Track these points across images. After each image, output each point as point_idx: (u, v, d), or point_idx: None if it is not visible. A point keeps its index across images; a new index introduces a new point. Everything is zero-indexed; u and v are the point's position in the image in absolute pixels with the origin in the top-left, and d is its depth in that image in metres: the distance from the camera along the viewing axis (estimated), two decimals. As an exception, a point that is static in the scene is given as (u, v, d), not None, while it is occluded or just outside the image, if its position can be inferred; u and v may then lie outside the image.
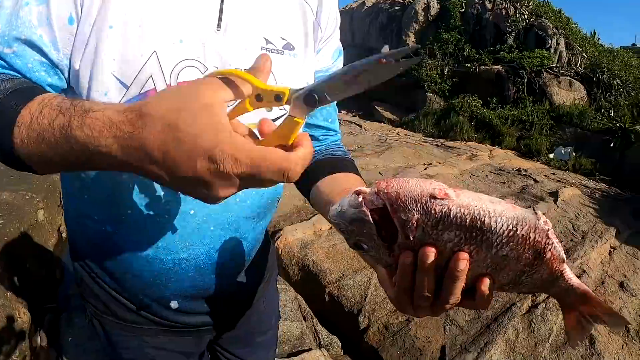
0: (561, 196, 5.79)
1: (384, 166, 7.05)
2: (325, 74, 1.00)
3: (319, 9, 1.10)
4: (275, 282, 1.58)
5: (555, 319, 3.35)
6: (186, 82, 0.68)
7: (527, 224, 0.63)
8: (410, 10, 17.68)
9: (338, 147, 1.28)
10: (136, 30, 0.84)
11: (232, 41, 0.93)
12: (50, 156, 0.66)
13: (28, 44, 0.81)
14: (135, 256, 1.02)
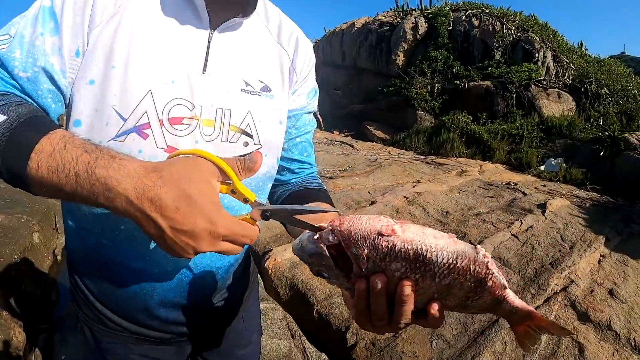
0: (549, 207, 5.82)
1: (373, 185, 7.08)
2: (300, 113, 1.31)
3: (294, 54, 1.26)
4: (257, 299, 1.67)
5: (543, 329, 3.36)
6: (192, 158, 0.80)
7: (466, 257, 0.74)
8: (399, 30, 17.88)
9: (313, 178, 1.41)
10: (135, 71, 0.97)
11: (216, 83, 1.07)
12: (61, 185, 0.77)
13: (41, 71, 0.94)
14: (126, 267, 1.12)
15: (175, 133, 1.03)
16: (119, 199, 0.73)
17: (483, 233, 4.92)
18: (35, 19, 0.95)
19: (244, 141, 1.14)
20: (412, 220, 5.06)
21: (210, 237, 0.75)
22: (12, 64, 0.92)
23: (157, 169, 0.75)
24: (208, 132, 1.07)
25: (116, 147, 0.94)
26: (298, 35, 1.31)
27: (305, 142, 1.39)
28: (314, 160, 1.47)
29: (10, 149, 0.79)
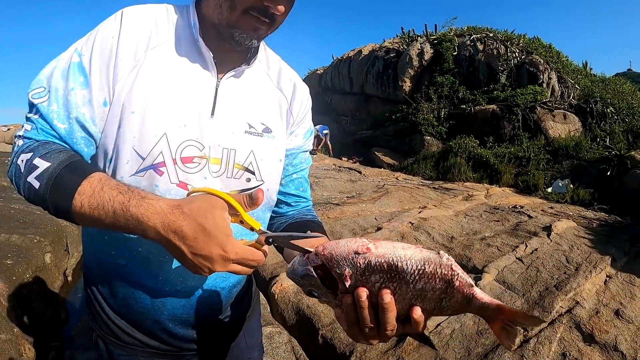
0: (555, 230, 5.80)
1: (379, 212, 7.12)
2: (297, 152, 1.47)
3: (292, 99, 1.42)
4: (258, 319, 1.80)
5: (548, 352, 3.35)
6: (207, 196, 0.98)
7: (432, 262, 0.86)
8: (405, 56, 18.03)
9: (308, 211, 1.55)
10: (152, 117, 1.12)
11: (223, 126, 1.22)
12: (101, 219, 0.96)
13: (75, 121, 1.11)
14: (140, 285, 1.26)
15: (186, 170, 1.17)
16: (150, 231, 0.92)
17: (488, 257, 4.93)
18: (66, 74, 1.11)
19: (246, 177, 1.28)
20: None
21: (223, 260, 0.92)
22: (51, 116, 1.10)
23: (179, 206, 0.93)
24: (215, 169, 1.21)
25: (136, 181, 1.11)
26: (295, 81, 1.45)
27: (301, 178, 1.53)
28: (310, 194, 1.61)
29: (55, 191, 0.99)
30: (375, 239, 0.92)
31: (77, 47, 1.15)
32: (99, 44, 1.13)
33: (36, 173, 1.00)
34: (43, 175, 1.00)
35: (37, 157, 1.02)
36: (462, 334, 3.59)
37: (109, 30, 1.14)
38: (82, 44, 1.15)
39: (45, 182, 0.99)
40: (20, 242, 5.02)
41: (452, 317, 3.77)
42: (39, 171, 1.00)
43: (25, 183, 1.03)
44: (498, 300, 0.90)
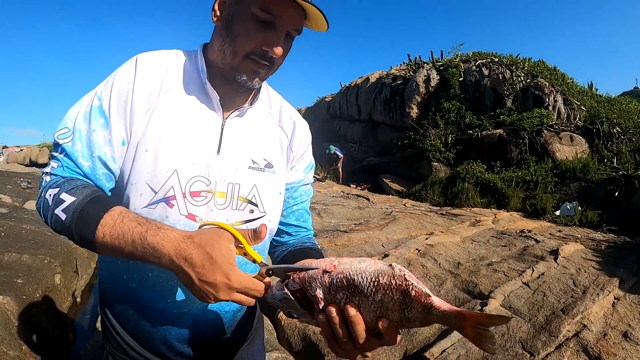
0: (562, 253, 5.79)
1: (387, 239, 7.12)
2: (297, 185, 1.58)
3: (292, 137, 1.53)
4: (262, 341, 1.86)
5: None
6: (216, 229, 1.08)
7: (385, 274, 0.89)
8: (412, 83, 18.15)
9: (308, 239, 1.62)
10: (163, 155, 1.23)
11: (228, 162, 1.33)
12: (121, 248, 1.07)
13: (98, 159, 1.23)
14: (150, 307, 1.35)
15: (194, 203, 1.27)
16: (164, 258, 1.02)
17: (494, 283, 4.93)
18: (89, 116, 1.24)
19: (250, 209, 1.38)
20: (424, 272, 5.12)
21: (226, 288, 0.99)
22: (76, 154, 1.21)
23: (191, 237, 1.02)
24: (220, 202, 1.32)
25: (148, 213, 1.22)
26: (295, 119, 1.56)
27: (301, 209, 1.62)
28: (310, 224, 1.68)
29: (80, 223, 1.10)
30: (340, 256, 1.00)
31: (97, 91, 1.27)
32: (116, 89, 1.25)
33: (63, 206, 1.12)
34: (69, 209, 1.11)
35: (64, 192, 1.13)
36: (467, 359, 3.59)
37: (124, 76, 1.26)
38: (102, 89, 1.27)
39: (71, 214, 1.11)
40: (31, 262, 5.13)
41: (457, 343, 3.77)
42: (65, 205, 1.12)
43: (53, 215, 1.14)
44: (504, 325, 0.91)
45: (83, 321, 5.37)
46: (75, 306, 5.62)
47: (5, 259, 5.03)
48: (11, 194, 9.42)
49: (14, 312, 3.87)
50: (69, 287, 5.68)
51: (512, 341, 3.79)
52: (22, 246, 5.65)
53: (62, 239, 6.52)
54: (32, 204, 8.73)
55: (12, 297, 4.02)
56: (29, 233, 6.39)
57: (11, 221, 6.88)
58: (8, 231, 6.22)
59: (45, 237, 6.41)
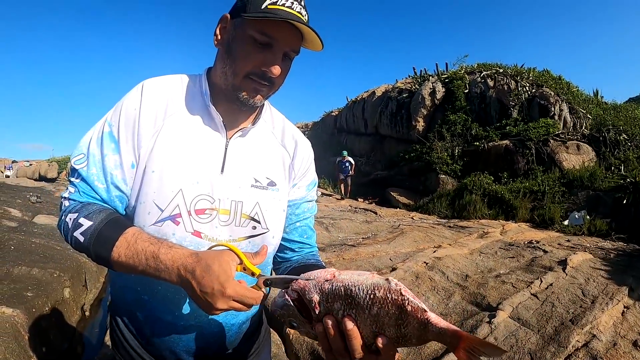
0: (570, 263, 5.77)
1: (394, 252, 7.12)
2: (300, 202, 1.61)
3: (294, 156, 1.58)
4: (268, 355, 1.89)
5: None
6: (220, 248, 1.17)
7: (382, 288, 0.90)
8: (418, 96, 18.26)
9: (312, 256, 1.65)
10: (169, 175, 1.30)
11: (231, 181, 1.38)
12: (135, 266, 1.15)
13: (111, 182, 1.31)
14: (159, 319, 1.41)
15: (199, 221, 1.33)
16: (174, 273, 1.10)
17: (502, 294, 4.92)
18: (101, 142, 1.32)
19: (252, 225, 1.43)
20: (432, 285, 5.11)
21: (223, 296, 1.05)
22: (92, 178, 1.30)
23: (197, 254, 1.11)
24: (224, 219, 1.37)
25: (155, 230, 1.30)
26: (297, 138, 1.61)
27: (304, 226, 1.66)
28: (314, 241, 1.71)
29: (97, 245, 1.19)
30: (344, 269, 1.02)
31: (108, 118, 1.35)
32: (124, 115, 1.32)
33: (81, 230, 1.21)
34: (87, 232, 1.20)
35: (82, 217, 1.23)
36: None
37: (131, 102, 1.34)
38: (111, 115, 1.35)
39: (88, 237, 1.20)
40: (41, 276, 5.20)
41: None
42: (83, 228, 1.21)
43: (73, 237, 1.23)
44: (513, 336, 0.91)
45: (92, 334, 5.42)
46: (84, 320, 5.68)
47: (15, 272, 5.10)
48: (21, 208, 9.58)
49: (23, 325, 3.93)
50: (78, 301, 5.74)
51: (520, 352, 3.78)
52: (32, 259, 5.75)
53: (72, 254, 6.61)
54: (42, 218, 8.87)
55: (22, 309, 4.08)
56: (38, 247, 6.50)
57: (21, 235, 6.99)
58: (18, 245, 6.33)
59: (55, 251, 6.50)
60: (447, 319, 4.50)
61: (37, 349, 3.88)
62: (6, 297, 4.29)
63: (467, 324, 4.32)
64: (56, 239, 7.33)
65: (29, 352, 3.70)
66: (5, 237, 6.59)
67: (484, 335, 4.03)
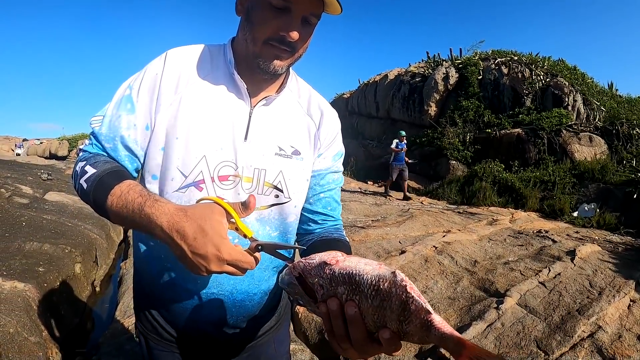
0: (578, 254, 5.79)
1: (404, 235, 7.15)
2: (325, 173, 1.58)
3: (319, 125, 1.56)
4: (287, 329, 1.89)
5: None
6: (208, 203, 1.12)
7: (387, 280, 0.85)
8: (430, 80, 18.14)
9: (335, 230, 1.62)
10: (193, 141, 1.32)
11: (255, 149, 1.39)
12: (124, 216, 1.15)
13: (120, 141, 1.34)
14: (182, 287, 1.42)
15: (222, 187, 1.35)
16: (157, 228, 1.07)
17: (510, 281, 4.94)
18: (119, 104, 1.36)
19: (275, 194, 1.43)
20: (441, 270, 5.15)
21: (217, 260, 1.02)
22: (100, 137, 1.35)
23: (184, 210, 1.07)
24: (247, 186, 1.38)
25: (179, 197, 1.32)
26: (324, 108, 1.59)
27: (329, 197, 1.63)
28: (339, 214, 1.68)
29: (96, 191, 1.22)
30: (348, 255, 0.99)
31: (130, 82, 1.38)
32: (146, 80, 1.35)
33: (86, 177, 1.25)
34: (90, 179, 1.24)
35: (88, 165, 1.28)
36: (482, 357, 3.63)
37: (154, 69, 1.36)
38: (134, 80, 1.38)
39: (90, 183, 1.23)
40: (52, 251, 5.28)
41: (473, 340, 3.79)
42: (87, 175, 1.25)
43: (79, 184, 1.28)
44: (520, 323, 0.87)
45: (102, 310, 5.49)
46: (95, 295, 5.76)
47: (27, 248, 5.17)
48: (32, 185, 9.64)
49: (35, 299, 4.00)
50: (89, 277, 5.82)
51: (527, 339, 3.82)
52: (43, 235, 5.82)
53: (82, 230, 6.68)
54: (53, 195, 8.94)
55: (33, 284, 4.15)
56: (49, 223, 6.58)
57: (32, 211, 7.06)
58: (29, 221, 6.40)
59: (66, 227, 6.58)
60: (455, 304, 4.55)
61: (48, 323, 3.95)
62: (18, 272, 4.36)
63: (474, 309, 4.36)
64: (67, 216, 7.42)
65: (40, 326, 3.77)
66: (17, 214, 6.67)
67: (491, 321, 4.07)
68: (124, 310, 4.56)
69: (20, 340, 3.32)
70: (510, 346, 3.75)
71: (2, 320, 3.35)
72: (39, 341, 3.53)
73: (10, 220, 6.24)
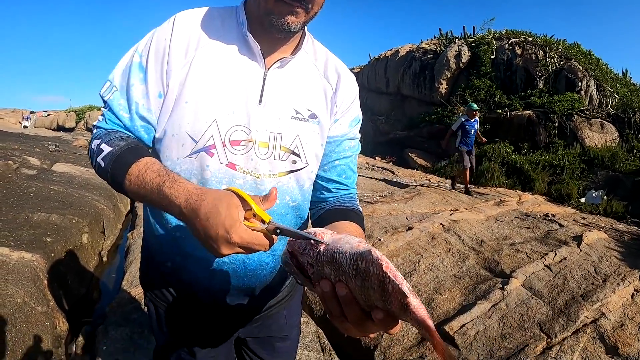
0: (585, 240, 5.78)
1: (411, 212, 7.15)
2: (341, 139, 1.52)
3: (336, 89, 1.49)
4: (299, 300, 1.89)
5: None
6: (226, 191, 1.06)
7: (364, 260, 0.82)
8: (442, 58, 17.97)
9: (349, 199, 1.57)
10: (203, 105, 1.27)
11: (270, 112, 1.33)
12: (142, 195, 1.14)
13: (135, 112, 1.30)
14: (192, 255, 1.39)
15: (234, 152, 1.29)
16: (176, 208, 1.05)
17: (516, 263, 4.96)
18: (129, 72, 1.31)
19: (292, 160, 1.38)
20: (447, 247, 5.17)
21: (226, 242, 0.98)
22: (117, 108, 1.30)
23: (203, 191, 1.04)
24: (263, 152, 1.32)
25: (190, 162, 1.29)
26: (341, 71, 1.52)
27: (344, 165, 1.57)
28: (354, 182, 1.62)
29: (113, 170, 1.19)
30: (333, 232, 0.96)
31: (138, 48, 1.33)
32: (154, 45, 1.30)
33: (102, 155, 1.22)
34: (107, 157, 1.21)
35: (104, 143, 1.24)
36: (485, 336, 3.65)
37: (162, 34, 1.31)
38: (142, 46, 1.33)
39: (107, 162, 1.21)
40: (60, 222, 5.29)
41: (477, 319, 3.83)
42: (104, 154, 1.22)
43: (96, 163, 1.25)
44: (524, 305, 0.82)
45: (109, 280, 5.54)
46: (102, 265, 5.81)
47: (34, 218, 5.19)
48: (39, 156, 9.64)
49: (42, 269, 4.03)
50: (96, 247, 5.87)
51: (530, 322, 3.84)
52: (51, 206, 5.84)
53: (90, 200, 6.74)
54: (61, 166, 8.96)
55: (41, 254, 4.17)
56: (57, 194, 6.60)
57: (40, 182, 7.08)
58: (37, 192, 6.43)
59: (74, 198, 6.62)
60: (461, 282, 4.57)
61: (55, 293, 3.98)
62: (26, 243, 4.37)
63: (479, 289, 4.38)
64: (75, 187, 7.45)
65: (48, 296, 3.80)
66: (24, 185, 6.68)
67: (496, 301, 4.10)
68: (131, 280, 4.58)
69: (28, 310, 3.35)
70: (514, 327, 3.77)
71: (10, 290, 3.38)
72: (46, 311, 3.57)
73: (18, 192, 6.26)
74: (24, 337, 3.14)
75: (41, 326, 3.37)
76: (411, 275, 4.79)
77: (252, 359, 1.78)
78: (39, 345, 3.24)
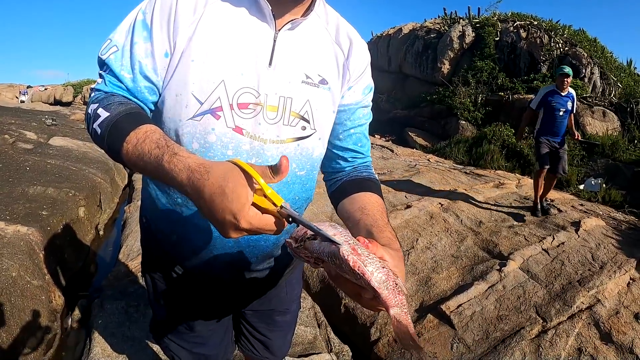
0: (583, 226, 5.79)
1: (409, 190, 7.17)
2: (355, 107, 1.47)
3: (348, 55, 1.43)
4: (300, 274, 1.88)
5: (565, 345, 3.39)
6: (234, 166, 0.95)
7: (337, 257, 0.82)
8: (446, 38, 17.81)
9: (365, 168, 1.54)
10: (211, 65, 1.20)
11: (280, 75, 1.26)
12: (140, 166, 1.04)
13: (139, 71, 1.21)
14: (193, 225, 1.34)
15: (242, 116, 1.23)
16: (176, 184, 0.96)
17: (514, 245, 4.97)
18: (132, 30, 1.22)
19: (302, 125, 1.32)
20: (446, 227, 5.16)
21: (234, 227, 0.90)
22: (118, 68, 1.21)
23: (207, 166, 0.94)
24: (272, 116, 1.26)
25: (194, 125, 1.22)
26: (353, 37, 1.46)
27: (359, 133, 1.53)
28: (368, 149, 1.60)
29: (110, 137, 1.09)
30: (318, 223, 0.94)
31: (142, 7, 1.25)
32: (159, 3, 1.22)
33: (99, 121, 1.13)
34: (103, 123, 1.12)
35: (101, 108, 1.15)
36: (482, 317, 3.65)
37: None
38: (146, 4, 1.24)
39: (104, 129, 1.11)
40: (56, 195, 5.26)
41: (474, 299, 3.84)
42: (100, 120, 1.13)
43: (92, 129, 1.15)
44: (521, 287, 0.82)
45: (105, 254, 5.53)
46: (98, 239, 5.80)
47: (30, 192, 5.14)
48: (36, 130, 9.61)
49: (38, 243, 3.99)
50: (93, 221, 5.85)
51: (527, 304, 3.84)
52: (47, 180, 5.79)
53: (87, 174, 6.71)
54: (57, 140, 8.91)
55: (36, 228, 4.13)
56: (53, 167, 6.55)
57: (36, 156, 7.02)
58: (33, 165, 6.37)
59: (70, 171, 6.58)
60: (458, 262, 4.58)
61: (51, 267, 3.95)
62: (21, 216, 4.34)
63: (477, 269, 4.38)
64: (71, 160, 7.39)
65: (43, 270, 3.78)
66: (20, 159, 6.62)
67: (493, 282, 4.11)
68: (127, 253, 4.58)
69: (23, 284, 3.33)
70: (510, 309, 3.78)
71: (5, 264, 3.35)
72: (41, 285, 3.55)
73: (14, 165, 6.20)
74: (19, 312, 3.12)
75: (37, 300, 3.36)
76: (409, 254, 4.81)
77: (250, 333, 1.78)
78: (35, 319, 3.23)
